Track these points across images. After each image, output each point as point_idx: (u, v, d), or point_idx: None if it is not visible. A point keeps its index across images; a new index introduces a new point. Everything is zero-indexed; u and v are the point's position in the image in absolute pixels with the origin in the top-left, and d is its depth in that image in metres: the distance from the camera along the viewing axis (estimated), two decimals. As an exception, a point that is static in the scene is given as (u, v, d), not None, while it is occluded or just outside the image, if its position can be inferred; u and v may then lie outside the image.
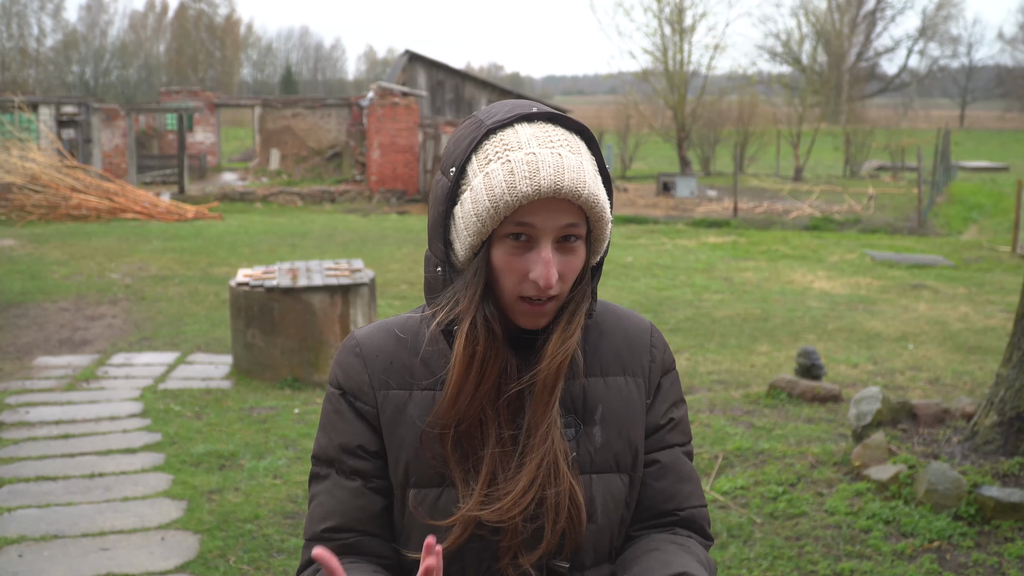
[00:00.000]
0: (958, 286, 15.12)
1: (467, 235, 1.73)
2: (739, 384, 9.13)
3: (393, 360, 1.85)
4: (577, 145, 1.75)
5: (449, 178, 1.76)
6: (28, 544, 5.56)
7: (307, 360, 8.98)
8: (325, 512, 1.84)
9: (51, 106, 26.86)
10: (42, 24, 79.87)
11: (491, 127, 1.74)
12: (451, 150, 1.79)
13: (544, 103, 1.82)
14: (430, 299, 1.85)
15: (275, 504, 6.16)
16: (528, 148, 1.70)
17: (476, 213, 1.70)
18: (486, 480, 1.76)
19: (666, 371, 1.96)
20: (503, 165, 1.69)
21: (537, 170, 1.67)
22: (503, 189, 1.67)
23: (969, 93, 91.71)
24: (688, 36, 39.43)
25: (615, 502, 1.85)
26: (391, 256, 17.18)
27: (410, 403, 1.82)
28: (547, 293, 1.72)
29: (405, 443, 1.81)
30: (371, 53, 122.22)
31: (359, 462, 1.84)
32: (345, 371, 1.86)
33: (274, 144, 34.98)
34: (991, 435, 6.19)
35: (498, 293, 1.76)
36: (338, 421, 1.85)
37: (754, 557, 5.40)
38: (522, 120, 1.75)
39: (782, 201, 28.91)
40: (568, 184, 1.67)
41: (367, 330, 1.91)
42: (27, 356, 10.01)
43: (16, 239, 18.95)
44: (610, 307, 1.97)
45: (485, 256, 1.74)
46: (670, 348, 2.02)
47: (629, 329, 1.95)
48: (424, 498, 1.80)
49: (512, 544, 1.77)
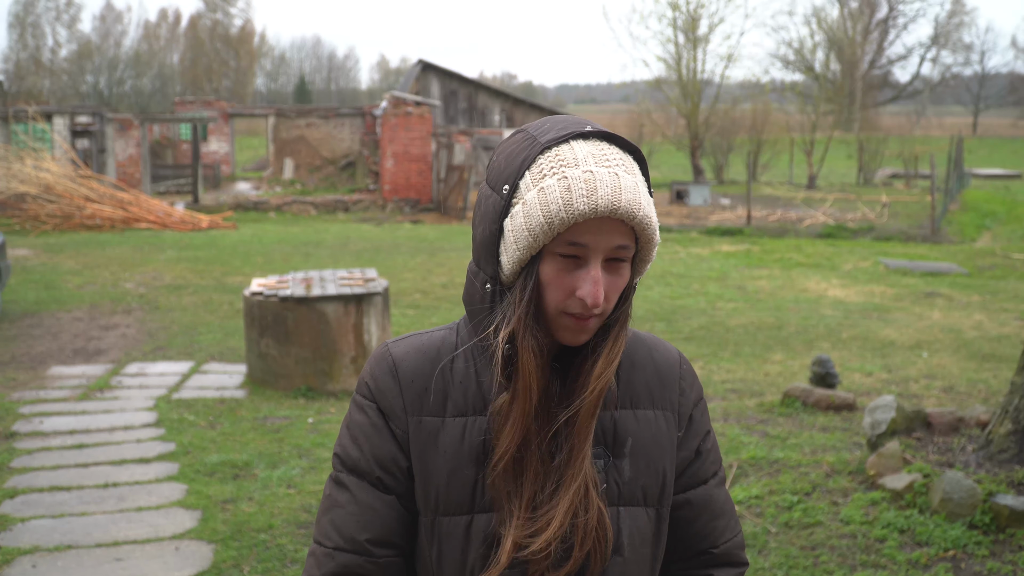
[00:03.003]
0: (972, 294, 15.07)
1: (516, 249, 1.70)
2: (753, 393, 9.11)
3: (428, 386, 1.81)
4: (631, 166, 1.72)
5: (501, 195, 1.72)
6: (42, 554, 5.57)
7: (321, 369, 8.98)
8: (362, 523, 1.80)
9: (65, 116, 26.97)
10: (57, 34, 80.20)
11: (547, 143, 1.71)
12: (502, 166, 1.75)
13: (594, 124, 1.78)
14: (472, 313, 1.82)
15: (289, 514, 6.16)
16: (585, 166, 1.67)
17: (528, 228, 1.67)
18: (527, 504, 1.74)
19: (696, 403, 1.95)
20: (560, 181, 1.66)
21: (595, 189, 1.64)
22: (559, 206, 1.65)
23: (982, 101, 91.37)
24: (702, 45, 39.49)
25: (641, 536, 1.83)
26: (405, 265, 17.19)
27: (443, 431, 1.79)
28: (593, 312, 1.70)
29: (436, 471, 1.78)
30: (384, 62, 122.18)
31: (393, 479, 1.81)
32: (380, 389, 1.83)
33: (288, 153, 35.06)
34: (1006, 443, 6.17)
35: (542, 307, 1.73)
36: (373, 434, 1.82)
37: (769, 567, 5.38)
38: (577, 137, 1.72)
39: (795, 209, 28.85)
40: (625, 205, 1.65)
41: (404, 348, 1.86)
42: (41, 366, 10.04)
43: (30, 249, 19.02)
44: (640, 337, 1.95)
45: (534, 271, 1.71)
46: (698, 378, 2.00)
47: (659, 362, 1.93)
48: (455, 526, 1.78)
49: (542, 567, 1.75)
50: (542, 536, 1.72)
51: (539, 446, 1.75)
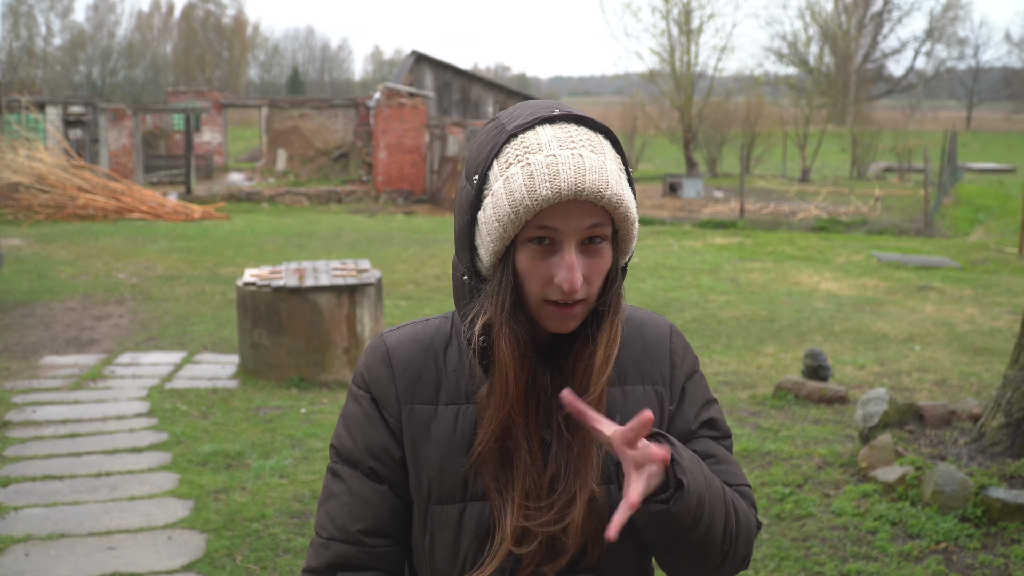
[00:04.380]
0: (965, 288, 15.09)
1: (490, 241, 1.69)
2: (745, 385, 9.12)
3: (421, 374, 1.82)
4: (600, 144, 1.70)
5: (472, 185, 1.72)
6: (34, 543, 5.57)
7: (314, 360, 8.98)
8: (354, 513, 1.81)
9: (58, 106, 26.92)
10: (50, 24, 80.00)
11: (512, 131, 1.70)
12: (473, 156, 1.75)
13: (567, 105, 1.75)
14: (459, 306, 1.82)
15: (281, 504, 6.16)
16: (548, 150, 1.65)
17: (498, 219, 1.66)
18: (521, 492, 1.73)
19: (689, 375, 1.93)
20: (523, 168, 1.65)
21: (557, 172, 1.62)
22: (523, 193, 1.63)
23: (976, 95, 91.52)
24: (695, 37, 39.49)
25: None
26: (398, 256, 17.18)
27: (435, 419, 1.80)
28: (572, 297, 1.68)
29: (428, 459, 1.79)
30: (378, 54, 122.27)
31: (386, 468, 1.82)
32: (374, 378, 1.83)
33: (281, 144, 35.02)
34: (998, 437, 6.19)
35: (524, 298, 1.71)
36: (366, 424, 1.83)
37: (761, 558, 5.39)
38: (543, 122, 1.70)
39: (789, 202, 28.87)
40: (590, 185, 1.63)
41: (398, 337, 1.86)
42: (34, 355, 10.02)
43: (23, 239, 18.99)
44: (630, 313, 1.93)
45: (509, 262, 1.70)
46: (691, 349, 1.97)
47: (647, 336, 1.92)
48: (448, 515, 1.79)
49: (536, 553, 1.74)
50: (538, 517, 1.72)
51: (530, 437, 1.74)
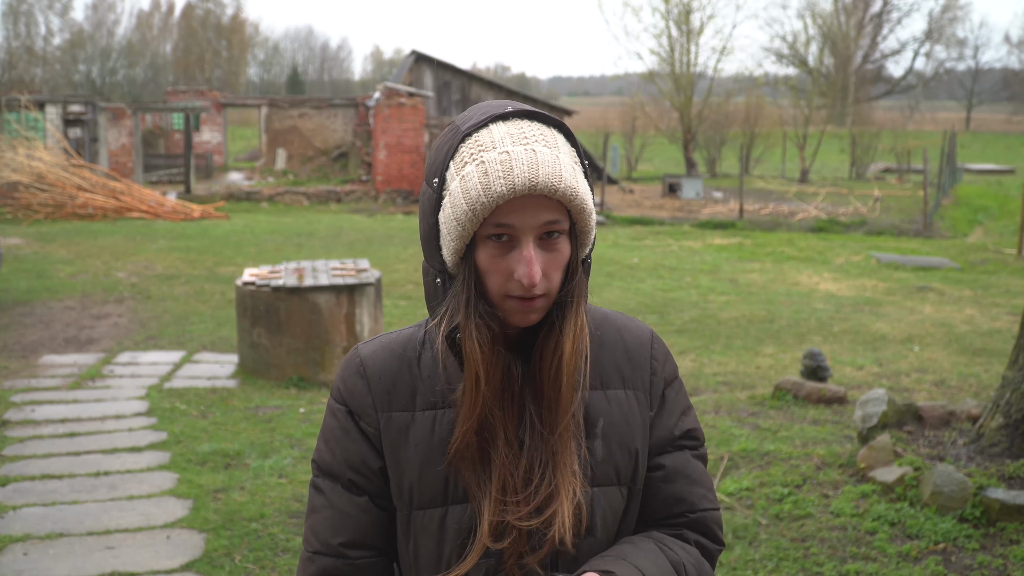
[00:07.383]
0: (964, 288, 15.10)
1: (451, 240, 1.71)
2: (744, 386, 9.13)
3: (396, 382, 1.83)
4: (554, 139, 1.72)
5: (433, 188, 1.74)
6: (33, 542, 5.57)
7: (313, 360, 8.98)
8: (335, 526, 1.84)
9: (58, 105, 26.90)
10: (49, 23, 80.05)
11: (467, 131, 1.72)
12: (432, 159, 1.77)
13: (521, 102, 1.75)
14: (431, 309, 1.83)
15: (280, 503, 6.16)
16: (502, 147, 1.67)
17: (456, 218, 1.68)
18: (498, 485, 1.75)
19: (668, 383, 1.95)
20: (477, 167, 1.67)
21: (511, 169, 1.64)
22: (478, 191, 1.65)
23: (975, 96, 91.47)
24: (695, 38, 39.48)
25: (614, 515, 1.85)
26: (397, 256, 17.18)
27: (413, 425, 1.81)
28: (532, 291, 1.69)
29: (408, 465, 1.80)
30: (377, 53, 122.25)
31: (365, 480, 1.83)
32: (349, 390, 1.85)
33: (280, 144, 35.00)
34: (997, 437, 6.19)
35: (486, 294, 1.73)
36: (344, 437, 1.85)
37: (759, 558, 5.39)
38: (496, 120, 1.72)
39: (788, 203, 28.88)
40: (543, 180, 1.64)
41: (371, 348, 1.89)
42: (33, 355, 10.02)
43: (22, 238, 18.98)
44: (610, 317, 1.95)
45: (471, 260, 1.72)
46: (671, 356, 2.00)
47: (629, 341, 1.93)
48: (430, 520, 1.80)
49: (518, 547, 1.75)
50: (519, 522, 1.73)
51: (505, 430, 1.76)
